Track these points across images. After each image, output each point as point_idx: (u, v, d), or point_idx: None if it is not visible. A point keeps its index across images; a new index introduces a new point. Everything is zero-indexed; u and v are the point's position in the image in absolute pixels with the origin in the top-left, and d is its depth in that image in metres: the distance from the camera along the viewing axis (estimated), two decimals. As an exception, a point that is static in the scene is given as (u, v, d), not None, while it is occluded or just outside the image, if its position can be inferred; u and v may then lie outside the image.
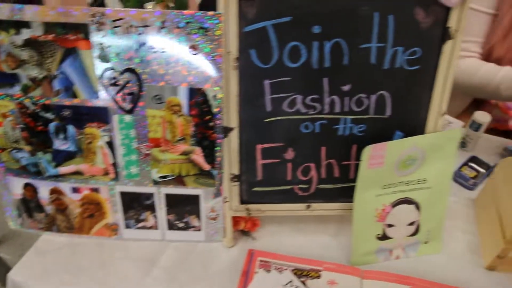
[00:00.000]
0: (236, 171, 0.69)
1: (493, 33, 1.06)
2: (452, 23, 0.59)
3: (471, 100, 1.23)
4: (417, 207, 0.72)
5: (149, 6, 0.80)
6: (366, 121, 0.67)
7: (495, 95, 1.04)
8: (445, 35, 0.60)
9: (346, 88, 0.64)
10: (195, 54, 0.60)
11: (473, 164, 0.90)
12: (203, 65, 0.60)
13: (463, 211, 0.83)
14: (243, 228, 0.77)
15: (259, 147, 0.68)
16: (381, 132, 0.67)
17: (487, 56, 1.10)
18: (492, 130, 1.22)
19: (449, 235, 0.79)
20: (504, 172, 0.74)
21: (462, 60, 1.08)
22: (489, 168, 0.89)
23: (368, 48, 0.61)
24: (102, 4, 1.04)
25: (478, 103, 1.23)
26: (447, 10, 0.59)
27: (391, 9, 0.59)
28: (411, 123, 0.67)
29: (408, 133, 0.67)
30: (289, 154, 0.69)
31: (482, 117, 0.90)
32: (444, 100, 0.65)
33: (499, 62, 1.08)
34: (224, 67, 0.61)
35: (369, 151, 0.64)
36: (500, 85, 1.00)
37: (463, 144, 0.95)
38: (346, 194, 0.70)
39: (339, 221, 0.79)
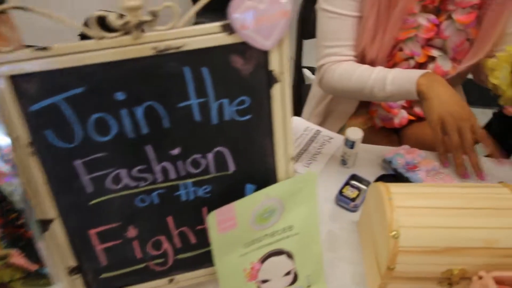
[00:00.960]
0: (72, 263, 0.59)
1: (361, 35, 1.04)
2: (274, 66, 0.53)
3: (359, 101, 1.22)
4: (289, 255, 0.66)
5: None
6: (209, 181, 0.59)
7: (373, 98, 1.02)
8: (270, 79, 0.54)
9: (175, 151, 0.56)
10: (-28, 149, 0.48)
11: (354, 182, 0.87)
12: (-12, 158, 0.49)
13: (348, 238, 0.80)
14: (106, 314, 0.67)
15: (93, 232, 0.58)
16: (230, 189, 0.60)
17: (362, 58, 1.08)
18: (382, 129, 1.22)
19: (334, 269, 0.74)
20: (373, 198, 0.71)
21: (337, 65, 1.06)
22: (369, 185, 0.86)
23: (188, 106, 0.53)
24: None
25: (367, 103, 1.22)
26: (266, 53, 0.52)
27: (203, 61, 0.51)
28: (261, 173, 0.61)
29: (260, 184, 0.60)
30: (131, 232, 0.59)
31: (354, 134, 0.87)
32: (289, 144, 0.59)
33: (373, 63, 1.06)
34: (18, 155, 0.50)
35: (214, 217, 0.56)
36: (374, 88, 0.99)
37: (343, 162, 0.91)
38: (209, 259, 0.62)
39: (215, 283, 0.71)
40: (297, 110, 1.50)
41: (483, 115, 2.34)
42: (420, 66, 1.09)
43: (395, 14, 0.98)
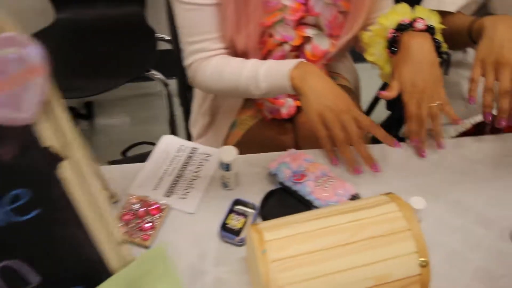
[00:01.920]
0: None
1: (224, 25, 0.89)
2: (50, 140, 0.37)
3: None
4: None
5: None
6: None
7: (252, 96, 0.90)
8: (51, 158, 0.37)
9: None
10: None
11: (239, 207, 0.75)
12: None
13: (238, 282, 0.67)
14: None
15: None
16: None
17: (232, 49, 0.94)
18: (274, 119, 1.10)
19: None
20: (249, 243, 0.59)
21: (207, 62, 0.92)
22: (255, 208, 0.74)
23: None
24: None
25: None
26: (29, 127, 0.35)
27: None
28: (85, 271, 0.45)
29: (89, 284, 0.45)
30: None
31: (227, 155, 0.73)
32: (111, 225, 0.44)
33: (245, 54, 0.93)
34: None
35: None
36: (248, 86, 0.86)
37: (224, 185, 0.78)
38: None
39: None
40: (187, 108, 1.34)
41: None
42: (297, 49, 0.98)
43: None
